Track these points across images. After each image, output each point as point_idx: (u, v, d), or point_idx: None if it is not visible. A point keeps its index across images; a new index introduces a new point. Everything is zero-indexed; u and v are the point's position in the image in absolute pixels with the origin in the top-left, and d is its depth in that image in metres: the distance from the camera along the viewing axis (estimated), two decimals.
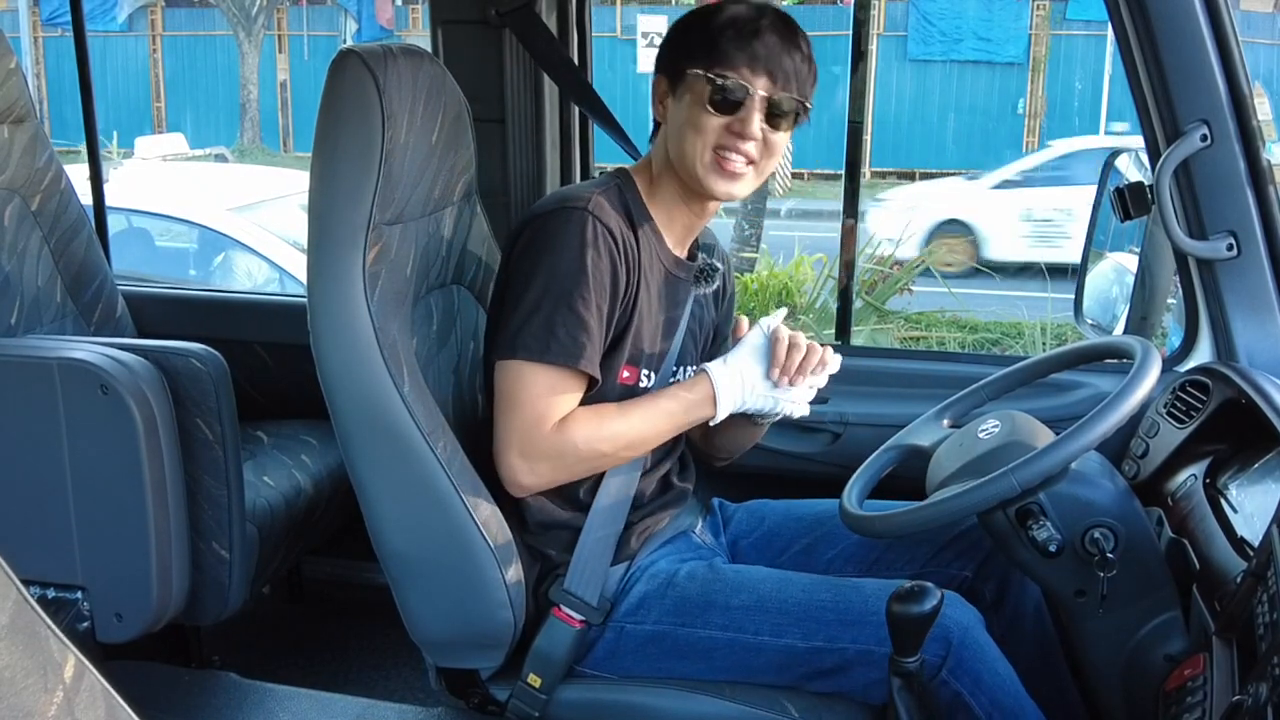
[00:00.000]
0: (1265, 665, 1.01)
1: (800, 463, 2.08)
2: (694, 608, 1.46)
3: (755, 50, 1.41)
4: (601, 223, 1.41)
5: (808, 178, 13.30)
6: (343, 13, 15.31)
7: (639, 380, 1.50)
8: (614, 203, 1.46)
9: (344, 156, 1.42)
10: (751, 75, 1.41)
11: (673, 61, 1.48)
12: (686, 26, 1.48)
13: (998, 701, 1.36)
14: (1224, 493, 1.50)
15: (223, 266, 4.61)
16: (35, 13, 15.39)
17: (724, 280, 1.66)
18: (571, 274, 1.39)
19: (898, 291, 6.35)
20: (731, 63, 1.41)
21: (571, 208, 1.42)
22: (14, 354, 1.76)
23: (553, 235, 1.41)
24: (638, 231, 1.48)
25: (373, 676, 2.24)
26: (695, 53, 1.44)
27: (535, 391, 1.40)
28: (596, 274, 1.40)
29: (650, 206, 1.52)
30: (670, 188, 1.51)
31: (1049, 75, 13.59)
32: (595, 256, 1.40)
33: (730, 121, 1.42)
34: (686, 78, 1.44)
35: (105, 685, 0.50)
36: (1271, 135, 1.85)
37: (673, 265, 1.54)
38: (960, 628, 1.36)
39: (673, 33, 1.50)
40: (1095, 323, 1.96)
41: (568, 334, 1.39)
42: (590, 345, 1.40)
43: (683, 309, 1.56)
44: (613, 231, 1.42)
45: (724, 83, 1.41)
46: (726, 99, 1.41)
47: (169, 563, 1.74)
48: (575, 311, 1.39)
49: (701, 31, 1.44)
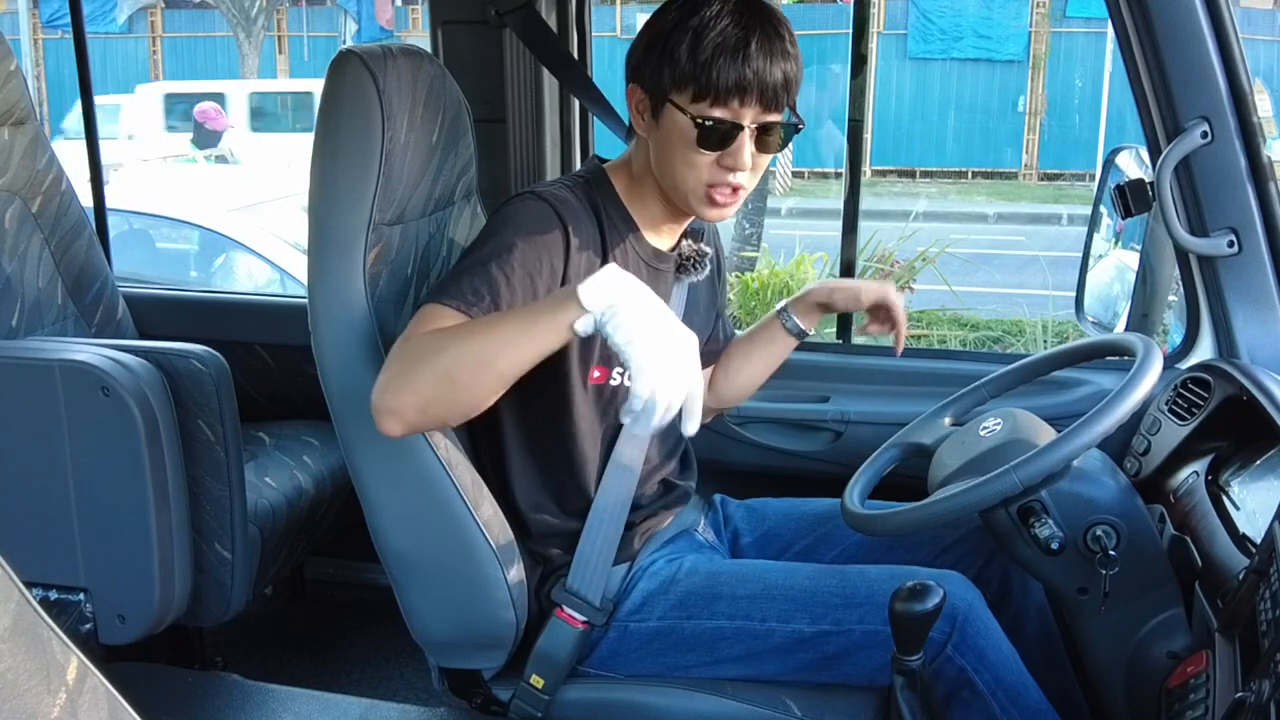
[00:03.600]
0: (1268, 662, 1.00)
1: (801, 461, 2.08)
2: (699, 600, 1.46)
3: (745, 76, 1.31)
4: (557, 212, 1.35)
5: (808, 176, 13.29)
6: (342, 13, 15.31)
7: (609, 379, 1.47)
8: (580, 201, 1.41)
9: (344, 157, 1.42)
10: (741, 107, 1.32)
11: (652, 80, 1.36)
12: (666, 41, 1.34)
13: (1000, 678, 1.36)
14: (1226, 489, 1.50)
15: (224, 268, 4.61)
16: (35, 14, 15.40)
17: (715, 250, 1.62)
18: (505, 245, 1.31)
19: (898, 289, 6.34)
20: (720, 96, 1.31)
21: (532, 193, 1.38)
22: (15, 356, 1.76)
23: (505, 215, 1.36)
24: (605, 230, 1.42)
25: (375, 677, 2.24)
26: (678, 79, 1.33)
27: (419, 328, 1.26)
28: (531, 248, 1.31)
29: (628, 202, 1.46)
30: (654, 196, 1.45)
31: (1049, 73, 13.59)
32: (537, 236, 1.32)
33: (721, 156, 1.34)
34: (668, 108, 1.35)
35: (108, 687, 0.50)
36: (1272, 132, 1.86)
37: (651, 258, 1.48)
38: (965, 604, 1.37)
39: (650, 44, 1.37)
40: (1096, 320, 1.96)
41: (471, 285, 1.28)
42: (494, 301, 1.28)
43: (668, 302, 1.51)
44: (567, 223, 1.35)
45: (714, 125, 1.32)
46: (716, 138, 1.33)
47: (171, 564, 1.74)
48: (488, 271, 1.29)
49: (688, 56, 1.31)
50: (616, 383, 1.48)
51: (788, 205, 11.43)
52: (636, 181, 1.46)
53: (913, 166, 13.70)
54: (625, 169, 1.48)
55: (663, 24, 1.36)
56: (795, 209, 11.22)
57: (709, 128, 1.33)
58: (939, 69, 13.72)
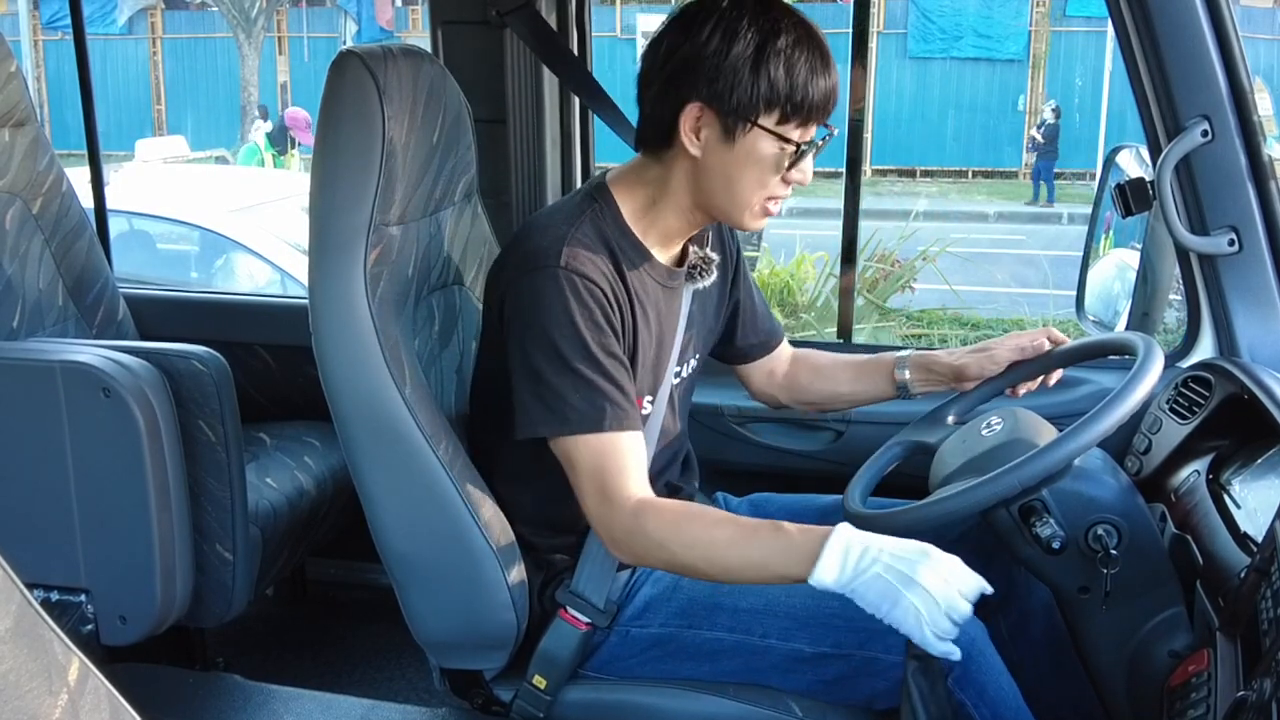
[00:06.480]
0: (1270, 661, 1.00)
1: (803, 460, 2.08)
2: (701, 609, 1.46)
3: (829, 98, 1.33)
4: (580, 275, 1.32)
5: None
6: (342, 14, 15.33)
7: (643, 409, 1.46)
8: (591, 241, 1.37)
9: (344, 158, 1.42)
10: (818, 124, 1.35)
11: (734, 99, 1.30)
12: (755, 63, 1.29)
13: (1000, 715, 1.35)
14: (1227, 488, 1.50)
15: (224, 268, 4.61)
16: (35, 16, 15.42)
17: (727, 255, 1.61)
18: (565, 338, 1.31)
19: (899, 289, 6.35)
20: (812, 117, 1.33)
21: (545, 267, 1.32)
22: (16, 357, 1.76)
23: (535, 300, 1.33)
24: (620, 263, 1.39)
25: (376, 677, 2.24)
26: (769, 99, 1.30)
27: (584, 464, 1.33)
28: (590, 327, 1.32)
29: (637, 225, 1.42)
30: (677, 213, 1.42)
31: (1049, 72, 13.59)
32: (584, 311, 1.32)
33: (790, 173, 1.35)
34: (753, 131, 1.31)
35: (109, 688, 0.50)
36: (1272, 130, 1.85)
37: (666, 278, 1.46)
38: (968, 639, 1.35)
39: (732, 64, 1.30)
40: (1097, 319, 1.95)
41: (583, 399, 1.31)
42: (610, 402, 1.32)
43: (679, 315, 1.51)
44: (594, 280, 1.33)
45: (803, 148, 1.33)
46: (801, 159, 1.35)
47: (172, 565, 1.74)
48: (581, 375, 1.31)
49: (785, 75, 1.30)
50: (648, 411, 1.47)
51: (788, 205, 11.40)
52: (657, 199, 1.42)
53: (913, 166, 13.70)
54: (640, 186, 1.43)
55: (742, 45, 1.30)
56: (795, 208, 11.21)
57: (800, 151, 1.33)
58: (939, 68, 13.73)
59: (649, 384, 1.47)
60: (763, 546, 1.26)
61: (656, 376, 1.48)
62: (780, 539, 1.25)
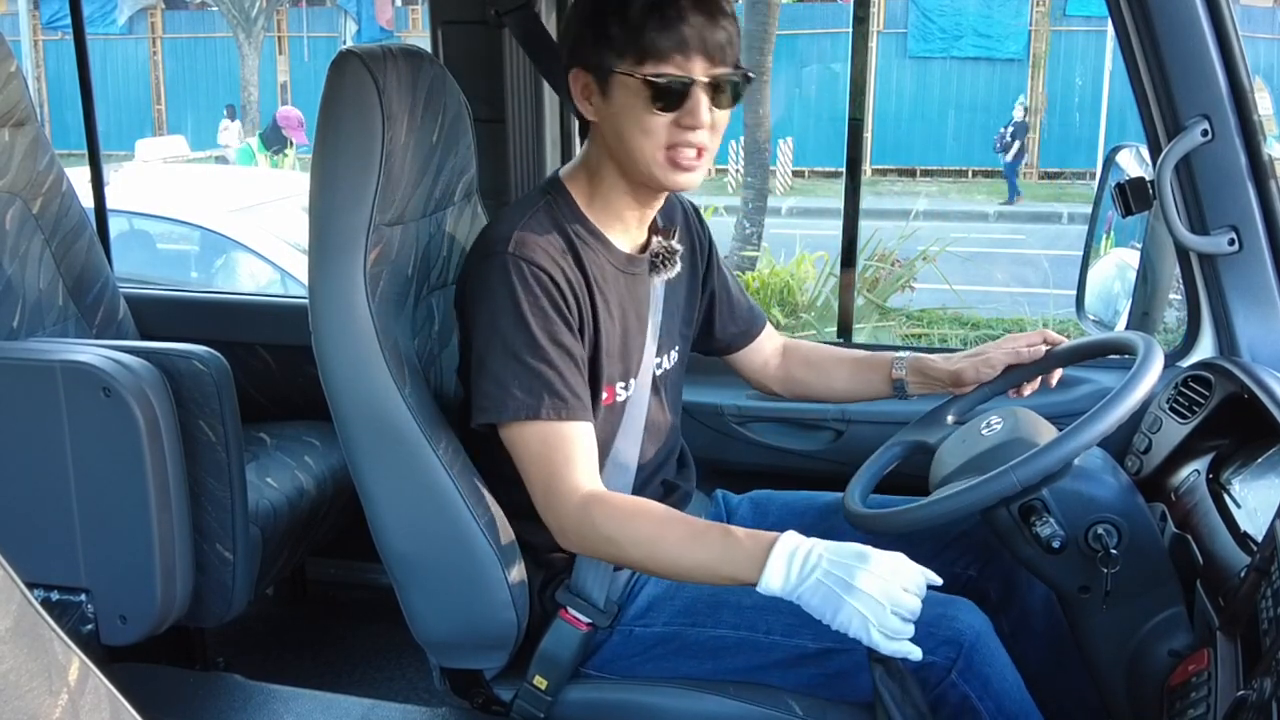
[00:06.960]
0: (1270, 660, 1.00)
1: (802, 460, 2.08)
2: (704, 607, 1.46)
3: (684, 34, 1.30)
4: (528, 261, 1.34)
5: (808, 176, 13.29)
6: (342, 14, 15.33)
7: (616, 396, 1.47)
8: (543, 229, 1.39)
9: (344, 157, 1.42)
10: (687, 62, 1.31)
11: (593, 57, 1.35)
12: (598, 17, 1.34)
13: (1003, 707, 1.35)
14: (1227, 488, 1.50)
15: (224, 268, 4.61)
16: (35, 16, 15.42)
17: (693, 237, 1.61)
18: (510, 325, 1.33)
19: (899, 289, 6.35)
20: (663, 55, 1.31)
21: (495, 254, 1.35)
22: (16, 357, 1.76)
23: (484, 286, 1.35)
24: (577, 249, 1.40)
25: (377, 677, 2.24)
26: (618, 48, 1.32)
27: (529, 452, 1.34)
28: (536, 314, 1.33)
29: (591, 212, 1.44)
30: (615, 187, 1.43)
31: (1049, 71, 13.59)
32: (530, 298, 1.33)
33: (678, 116, 1.33)
34: (616, 79, 1.34)
35: (110, 688, 0.50)
36: (1272, 130, 1.85)
37: (626, 265, 1.46)
38: (973, 631, 1.36)
39: (582, 23, 1.37)
40: (1097, 318, 1.95)
41: (522, 387, 1.32)
42: (551, 391, 1.33)
43: (648, 302, 1.51)
44: (543, 266, 1.34)
45: (666, 81, 1.31)
46: (670, 95, 1.32)
47: (173, 565, 1.74)
48: (524, 363, 1.33)
49: (620, 24, 1.32)
50: (623, 398, 1.48)
51: (788, 205, 11.43)
52: (596, 177, 1.44)
53: (913, 165, 13.70)
54: (583, 170, 1.46)
55: (594, 8, 1.36)
56: (795, 208, 11.21)
57: (661, 84, 1.31)
58: (939, 68, 13.72)
59: (619, 372, 1.47)
60: (711, 549, 1.27)
61: (627, 365, 1.48)
62: (729, 543, 1.26)
